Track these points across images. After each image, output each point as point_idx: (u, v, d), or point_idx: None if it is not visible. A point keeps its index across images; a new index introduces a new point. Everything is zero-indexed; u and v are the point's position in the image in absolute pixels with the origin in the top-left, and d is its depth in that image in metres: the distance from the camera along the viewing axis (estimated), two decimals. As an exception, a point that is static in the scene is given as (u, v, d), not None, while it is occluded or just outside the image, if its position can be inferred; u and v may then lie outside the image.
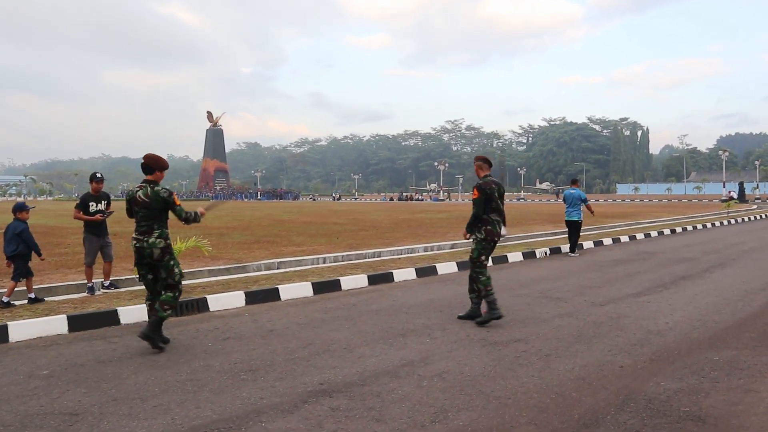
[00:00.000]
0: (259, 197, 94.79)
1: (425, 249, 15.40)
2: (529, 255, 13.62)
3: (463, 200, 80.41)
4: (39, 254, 8.34)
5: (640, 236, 18.45)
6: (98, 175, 9.45)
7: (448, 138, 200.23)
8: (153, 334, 5.91)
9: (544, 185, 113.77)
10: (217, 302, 8.27)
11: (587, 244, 15.88)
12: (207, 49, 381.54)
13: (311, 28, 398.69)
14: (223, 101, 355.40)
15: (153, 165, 6.08)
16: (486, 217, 7.32)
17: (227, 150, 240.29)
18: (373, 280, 10.30)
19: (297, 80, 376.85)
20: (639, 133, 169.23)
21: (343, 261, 13.26)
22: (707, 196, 78.48)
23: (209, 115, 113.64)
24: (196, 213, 6.24)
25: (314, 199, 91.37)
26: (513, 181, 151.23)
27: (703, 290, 9.05)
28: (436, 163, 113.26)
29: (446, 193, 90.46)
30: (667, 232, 20.15)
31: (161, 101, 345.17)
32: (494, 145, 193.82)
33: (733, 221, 26.17)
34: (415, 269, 11.10)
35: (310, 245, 15.41)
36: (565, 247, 14.71)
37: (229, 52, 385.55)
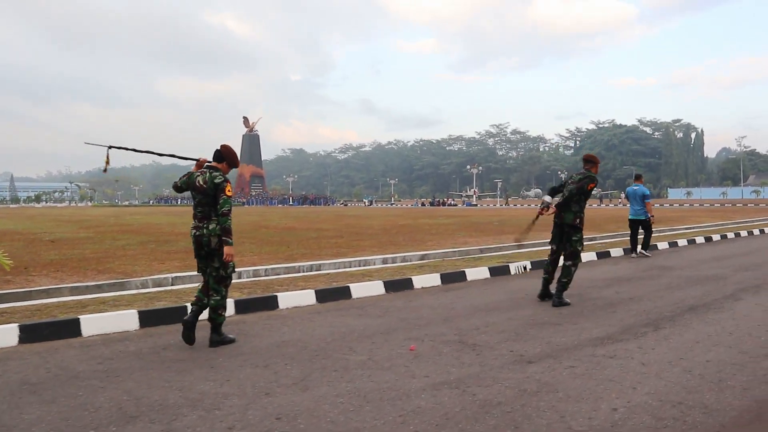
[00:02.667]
0: (291, 202, 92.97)
1: (384, 261, 12.36)
2: (499, 271, 10.44)
3: (501, 206, 76.52)
4: None
5: (663, 245, 14.95)
6: None
7: (493, 142, 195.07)
8: (218, 338, 5.67)
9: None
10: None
11: (588, 256, 12.54)
12: (257, 56, 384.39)
13: (360, 34, 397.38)
14: (274, 108, 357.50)
15: (225, 155, 5.86)
16: None
17: (273, 156, 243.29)
18: (243, 306, 7.38)
19: (346, 86, 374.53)
20: (693, 136, 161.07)
21: (265, 276, 10.40)
22: (765, 200, 72.60)
23: (245, 120, 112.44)
24: (229, 230, 5.66)
25: (346, 205, 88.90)
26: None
27: (711, 333, 5.78)
28: (468, 167, 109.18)
29: (472, 198, 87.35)
30: (700, 240, 16.55)
31: (212, 109, 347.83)
32: (540, 149, 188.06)
33: (787, 227, 22.19)
34: (316, 291, 8.09)
35: (246, 255, 12.57)
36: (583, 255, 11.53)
37: (278, 59, 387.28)
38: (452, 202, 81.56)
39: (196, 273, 10.24)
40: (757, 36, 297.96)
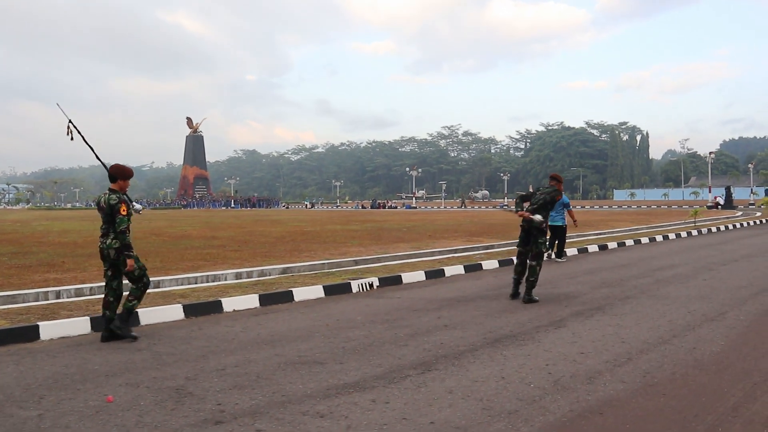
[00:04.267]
0: (233, 205, 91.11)
1: (237, 276, 11.29)
2: (338, 289, 9.49)
3: (448, 207, 76.17)
4: None
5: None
6: None
7: (444, 144, 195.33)
8: (122, 324, 6.37)
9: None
10: None
11: (455, 269, 11.72)
12: (212, 56, 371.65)
13: (316, 36, 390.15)
14: (230, 109, 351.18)
15: (116, 174, 6.61)
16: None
17: (226, 157, 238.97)
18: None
19: (303, 87, 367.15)
20: (638, 138, 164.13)
21: (74, 297, 9.18)
22: (702, 201, 73.71)
23: (189, 121, 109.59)
24: (129, 246, 6.49)
25: (287, 207, 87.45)
26: (510, 187, 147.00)
27: (479, 378, 4.94)
28: (408, 169, 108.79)
29: (412, 200, 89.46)
30: (593, 248, 15.93)
31: (167, 109, 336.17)
32: (492, 151, 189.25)
33: (695, 232, 21.86)
34: (91, 319, 7.02)
35: (88, 270, 11.38)
36: (409, 276, 10.67)
37: (234, 59, 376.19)
38: (392, 205, 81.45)
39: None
40: (698, 43, 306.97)
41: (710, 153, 68.10)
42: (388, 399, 4.40)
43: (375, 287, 9.87)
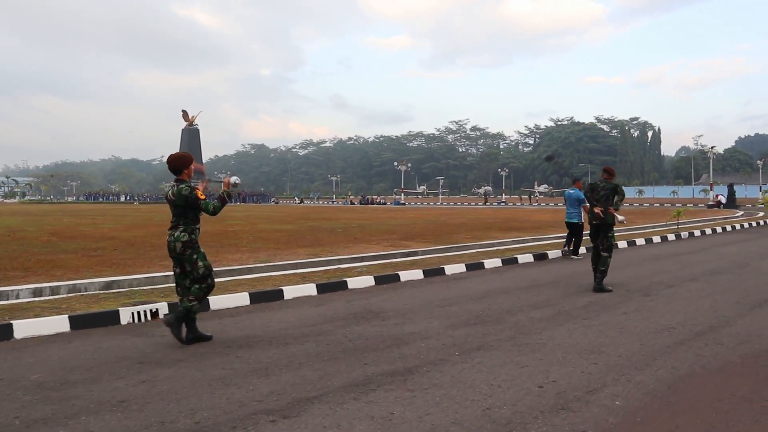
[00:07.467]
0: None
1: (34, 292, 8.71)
2: (93, 321, 6.81)
3: (445, 204, 73.32)
4: None
5: (456, 270, 11.44)
6: None
7: (452, 139, 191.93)
8: (175, 323, 5.85)
9: (542, 188, 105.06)
10: None
11: (298, 291, 8.97)
12: (227, 50, 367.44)
13: (331, 29, 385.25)
14: (244, 103, 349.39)
15: (177, 165, 6.22)
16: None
17: (233, 152, 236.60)
18: None
19: (318, 82, 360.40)
20: (650, 134, 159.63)
21: None
22: (706, 200, 70.17)
23: (184, 114, 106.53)
24: (222, 198, 6.18)
25: (277, 203, 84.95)
26: (516, 184, 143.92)
27: None
28: (396, 163, 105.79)
29: (401, 195, 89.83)
30: (526, 258, 13.06)
31: (181, 103, 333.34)
32: (500, 147, 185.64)
33: (672, 237, 18.82)
34: None
35: None
36: (224, 300, 7.96)
37: (249, 53, 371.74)
38: (381, 201, 79.76)
39: None
40: (716, 38, 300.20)
41: (711, 148, 64.84)
42: None
43: (160, 316, 7.18)
